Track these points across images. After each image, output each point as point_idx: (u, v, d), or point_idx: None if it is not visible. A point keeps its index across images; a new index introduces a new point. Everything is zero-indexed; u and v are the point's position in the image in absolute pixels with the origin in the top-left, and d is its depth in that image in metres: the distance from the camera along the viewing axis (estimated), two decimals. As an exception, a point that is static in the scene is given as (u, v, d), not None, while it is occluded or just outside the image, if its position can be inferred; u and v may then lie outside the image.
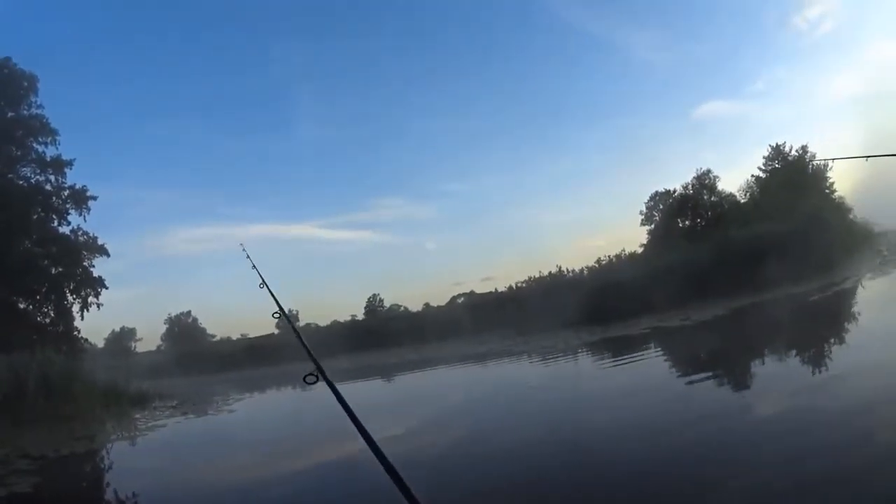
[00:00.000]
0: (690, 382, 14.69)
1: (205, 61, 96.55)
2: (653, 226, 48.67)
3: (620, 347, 25.05)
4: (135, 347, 73.83)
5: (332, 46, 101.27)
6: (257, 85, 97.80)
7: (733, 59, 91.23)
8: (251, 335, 68.25)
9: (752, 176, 45.83)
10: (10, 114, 33.33)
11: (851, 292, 25.51)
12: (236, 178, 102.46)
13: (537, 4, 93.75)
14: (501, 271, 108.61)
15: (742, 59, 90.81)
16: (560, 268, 51.59)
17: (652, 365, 18.96)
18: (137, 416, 23.37)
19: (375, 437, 2.71)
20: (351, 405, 3.01)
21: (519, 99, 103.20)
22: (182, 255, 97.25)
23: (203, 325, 74.78)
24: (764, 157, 45.17)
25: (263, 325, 77.47)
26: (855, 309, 21.63)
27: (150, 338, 74.81)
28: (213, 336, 73.54)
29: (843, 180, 42.90)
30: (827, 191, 42.99)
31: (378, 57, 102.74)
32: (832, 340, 16.21)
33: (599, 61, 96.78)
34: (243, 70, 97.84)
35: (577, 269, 51.32)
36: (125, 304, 78.10)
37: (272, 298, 4.84)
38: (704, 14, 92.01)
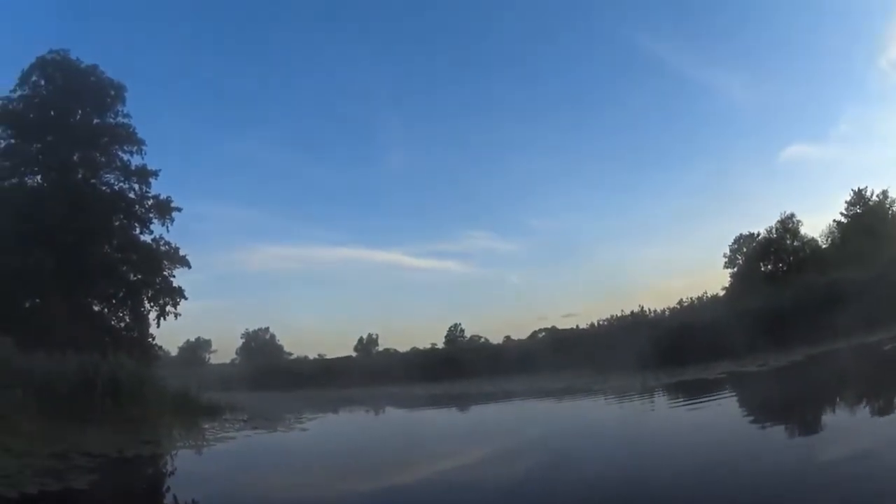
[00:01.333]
0: (761, 428, 14.97)
1: (298, 84, 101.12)
2: (735, 269, 48.33)
3: (694, 391, 25.21)
4: (209, 359, 77.30)
5: (428, 73, 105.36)
6: (349, 111, 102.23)
7: (818, 100, 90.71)
8: (328, 356, 70.35)
9: (834, 221, 45.55)
10: (95, 121, 34.29)
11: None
12: (324, 202, 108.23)
13: (635, 44, 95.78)
14: (583, 308, 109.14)
15: (827, 100, 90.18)
16: (642, 307, 51.36)
17: (722, 410, 18.98)
18: (207, 426, 23.26)
19: (444, 464, 3.19)
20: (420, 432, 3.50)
21: (612, 139, 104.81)
22: (265, 271, 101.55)
23: (280, 343, 76.22)
24: (846, 202, 44.80)
25: (341, 346, 79.51)
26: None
27: (224, 350, 77.33)
28: (290, 354, 75.08)
29: None
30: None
31: (475, 88, 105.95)
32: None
33: (690, 103, 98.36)
34: (335, 94, 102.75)
35: (658, 309, 51.04)
36: (203, 316, 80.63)
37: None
38: (790, 55, 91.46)
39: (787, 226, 46.32)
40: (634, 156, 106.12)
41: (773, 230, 46.79)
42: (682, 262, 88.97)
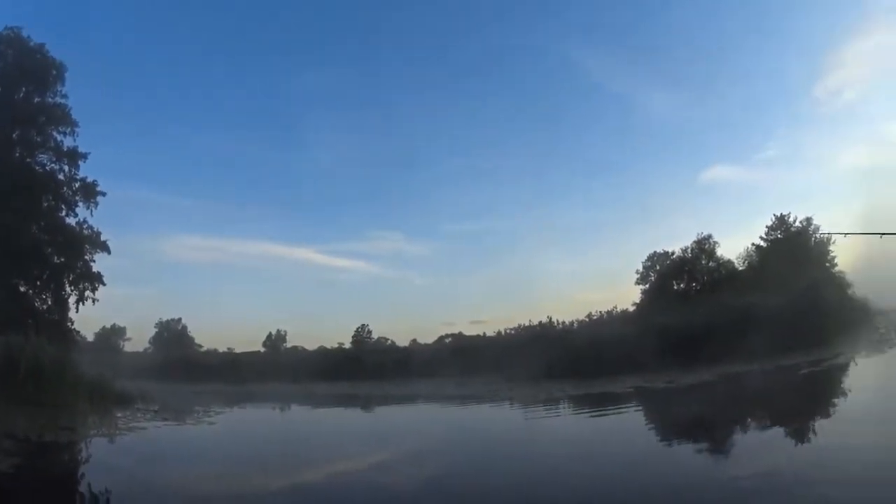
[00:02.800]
0: (665, 444, 14.97)
1: (227, 77, 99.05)
2: (648, 285, 48.13)
3: (600, 404, 25.01)
4: (123, 346, 74.81)
5: (356, 75, 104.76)
6: (275, 106, 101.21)
7: (748, 123, 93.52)
8: (237, 350, 69.60)
9: (753, 244, 45.55)
10: (36, 99, 33.64)
11: (842, 368, 25.10)
12: (245, 195, 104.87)
13: (564, 54, 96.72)
14: (492, 315, 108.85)
15: (757, 124, 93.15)
16: (550, 319, 51.54)
17: (625, 424, 19.07)
18: (119, 414, 23.37)
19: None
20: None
21: (531, 147, 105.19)
22: (183, 261, 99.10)
23: (192, 334, 75.25)
24: (767, 227, 44.95)
25: (251, 340, 78.11)
26: (842, 386, 21.39)
27: (138, 339, 75.47)
28: (201, 346, 73.80)
29: (844, 255, 42.87)
30: (828, 265, 42.70)
31: (398, 93, 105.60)
32: (812, 416, 16.09)
33: (618, 116, 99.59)
34: (262, 93, 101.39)
35: (567, 321, 51.33)
36: (119, 302, 78.91)
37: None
38: (725, 77, 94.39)
39: (704, 246, 46.28)
40: (555, 164, 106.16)
41: (689, 250, 46.85)
42: (595, 275, 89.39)
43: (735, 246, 60.48)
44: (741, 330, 32.17)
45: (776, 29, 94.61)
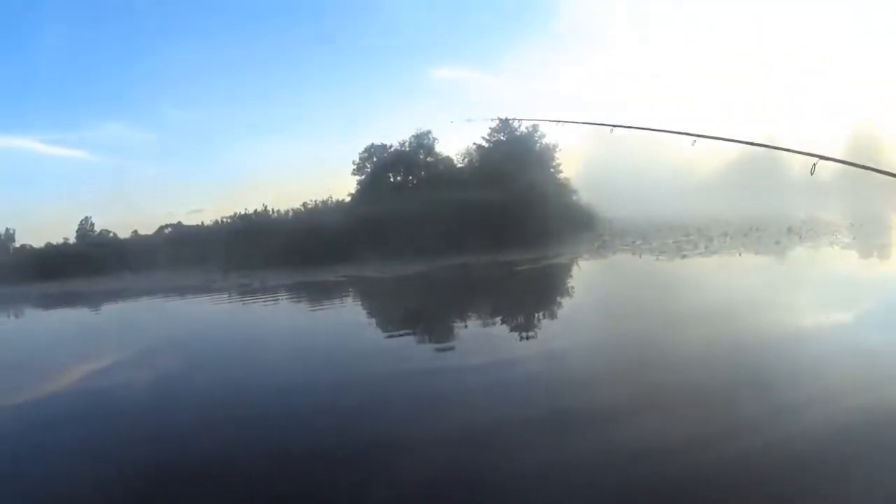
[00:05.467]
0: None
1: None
2: (363, 176, 47.49)
3: (314, 292, 25.42)
4: None
5: None
6: None
7: (492, 28, 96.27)
8: None
9: (474, 143, 46.26)
10: None
11: (558, 267, 25.78)
12: None
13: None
14: (212, 204, 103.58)
15: (500, 29, 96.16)
16: (266, 207, 50.49)
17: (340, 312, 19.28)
18: None
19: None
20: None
21: (259, 31, 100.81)
22: None
23: None
24: (490, 128, 45.55)
25: None
26: (551, 283, 22.20)
27: None
28: None
29: (572, 165, 45.57)
30: (552, 170, 44.39)
31: None
32: (515, 308, 16.59)
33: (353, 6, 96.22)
34: None
35: (283, 209, 50.34)
36: None
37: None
38: None
39: (422, 141, 46.26)
40: (282, 53, 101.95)
41: (407, 144, 46.58)
42: (313, 166, 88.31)
43: (458, 146, 61.97)
44: (457, 225, 32.87)
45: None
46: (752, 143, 7.64)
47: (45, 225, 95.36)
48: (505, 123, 42.25)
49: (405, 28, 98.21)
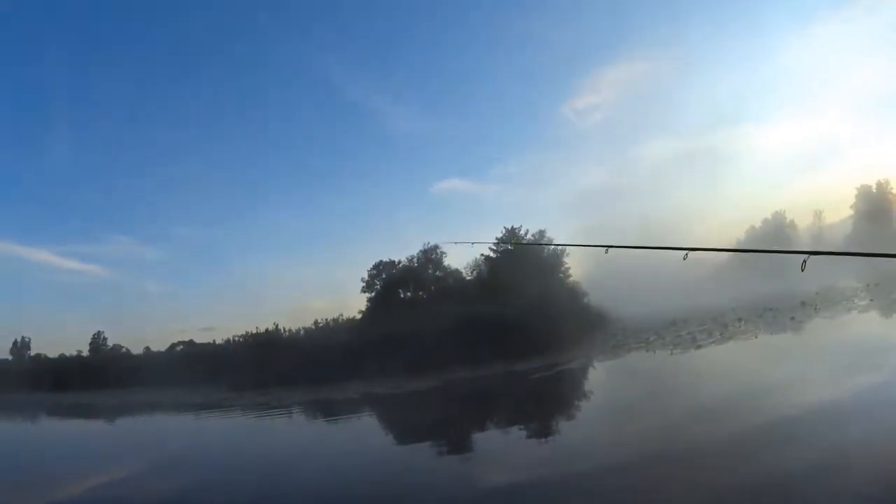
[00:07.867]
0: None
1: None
2: (374, 294, 48.07)
3: (326, 409, 25.71)
4: None
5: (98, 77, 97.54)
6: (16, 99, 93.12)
7: (488, 139, 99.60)
8: None
9: (482, 255, 47.01)
10: None
11: (572, 372, 26.17)
12: None
13: (305, 61, 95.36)
14: (224, 322, 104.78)
15: (499, 140, 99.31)
16: (277, 326, 50.33)
17: (355, 428, 20.02)
18: None
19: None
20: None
21: (267, 153, 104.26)
22: None
23: None
24: (497, 238, 46.52)
25: None
26: (567, 389, 22.45)
27: None
28: None
29: (579, 268, 45.77)
30: (562, 276, 45.19)
31: (138, 94, 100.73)
32: (530, 417, 17.05)
33: (358, 127, 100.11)
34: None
35: (294, 328, 50.35)
36: None
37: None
38: (471, 95, 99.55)
39: (430, 256, 47.46)
40: (292, 173, 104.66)
41: (415, 259, 47.79)
42: (324, 284, 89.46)
43: (465, 257, 62.77)
44: (469, 337, 33.02)
45: (527, 52, 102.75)
46: (740, 251, 8.13)
47: (59, 336, 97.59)
48: (511, 233, 43.19)
49: (409, 144, 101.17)
